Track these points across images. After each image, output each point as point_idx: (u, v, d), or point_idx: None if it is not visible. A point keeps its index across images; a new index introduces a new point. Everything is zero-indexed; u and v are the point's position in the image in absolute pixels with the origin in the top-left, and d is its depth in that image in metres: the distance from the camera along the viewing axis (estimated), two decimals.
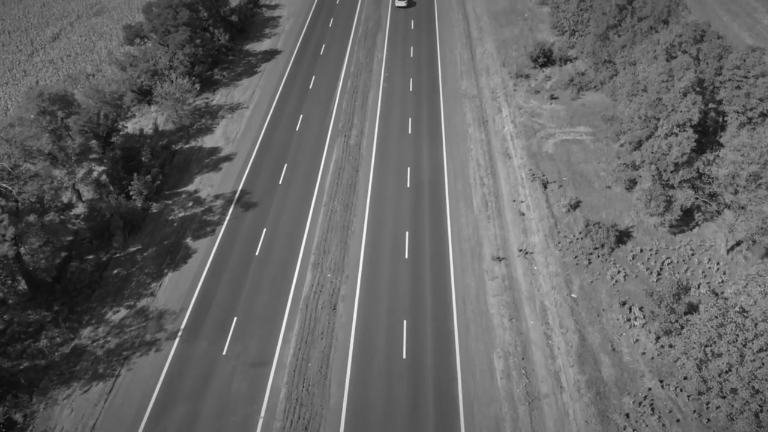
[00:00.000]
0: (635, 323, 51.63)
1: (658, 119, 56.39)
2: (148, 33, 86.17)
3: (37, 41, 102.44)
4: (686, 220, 61.31)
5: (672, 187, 58.82)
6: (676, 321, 47.93)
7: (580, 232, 60.94)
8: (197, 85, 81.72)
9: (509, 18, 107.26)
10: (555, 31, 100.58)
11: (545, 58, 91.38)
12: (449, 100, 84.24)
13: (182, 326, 51.93)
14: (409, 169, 70.81)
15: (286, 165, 71.63)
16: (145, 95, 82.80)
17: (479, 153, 73.66)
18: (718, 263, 57.45)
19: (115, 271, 58.26)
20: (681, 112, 54.57)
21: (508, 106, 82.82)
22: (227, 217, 64.04)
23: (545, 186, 68.03)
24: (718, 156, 56.53)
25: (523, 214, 64.27)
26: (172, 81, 79.53)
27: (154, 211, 65.76)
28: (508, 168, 71.27)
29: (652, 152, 56.23)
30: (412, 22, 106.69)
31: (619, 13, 78.54)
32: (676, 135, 55.48)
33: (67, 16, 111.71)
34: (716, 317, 43.56)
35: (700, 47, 61.19)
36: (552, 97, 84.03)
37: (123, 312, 53.93)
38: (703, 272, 56.58)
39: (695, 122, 54.92)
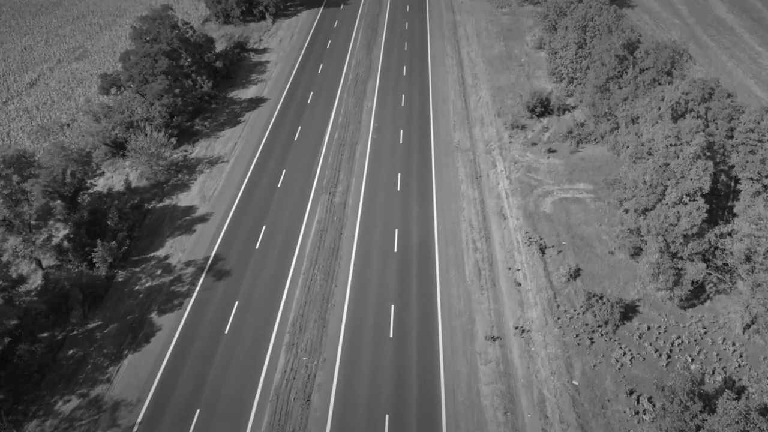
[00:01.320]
0: (644, 417, 46.17)
1: (666, 186, 51.46)
2: (125, 82, 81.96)
3: (14, 87, 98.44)
4: (697, 292, 56.13)
5: (681, 258, 53.72)
6: (692, 420, 42.40)
7: (581, 306, 55.80)
8: (173, 139, 77.29)
9: (505, 63, 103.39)
10: (553, 78, 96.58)
11: (542, 108, 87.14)
12: (441, 154, 79.65)
13: (138, 420, 46.40)
14: (396, 231, 65.85)
15: (264, 226, 66.69)
16: (119, 148, 78.18)
17: (472, 213, 68.76)
18: (733, 344, 52.16)
19: (71, 352, 52.90)
20: (691, 179, 49.73)
21: (503, 160, 78.22)
22: (197, 288, 58.85)
23: (543, 251, 63.01)
24: (732, 229, 51.47)
25: (520, 285, 59.10)
26: (146, 134, 74.98)
27: (120, 280, 60.57)
28: (503, 230, 66.30)
29: (659, 222, 51.22)
30: (405, 68, 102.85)
31: (619, 64, 74.40)
32: (686, 204, 50.55)
33: (48, 60, 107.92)
34: (737, 422, 38.23)
35: (709, 106, 56.68)
36: (550, 151, 79.53)
37: (75, 402, 48.45)
38: (717, 355, 51.27)
39: (706, 191, 50.02)
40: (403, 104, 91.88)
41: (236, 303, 56.79)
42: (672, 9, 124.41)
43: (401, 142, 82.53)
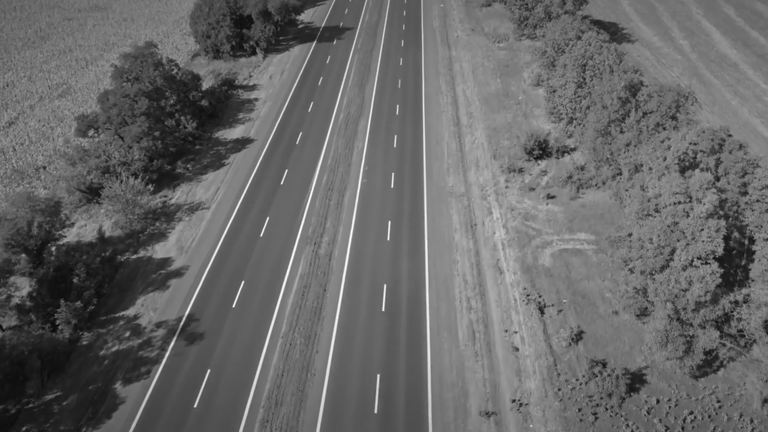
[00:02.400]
0: None
1: (675, 248, 47.12)
2: (102, 124, 78.07)
3: None
4: (709, 359, 51.51)
5: (692, 325, 49.20)
6: None
7: (584, 375, 51.15)
8: (150, 186, 73.11)
9: (502, 102, 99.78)
10: (551, 118, 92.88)
11: (540, 150, 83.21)
12: (434, 200, 75.49)
13: None
14: (385, 287, 61.42)
15: (243, 282, 62.23)
16: (94, 195, 74.01)
17: (466, 267, 64.35)
18: (751, 420, 47.38)
19: (24, 429, 47.98)
20: (703, 241, 45.39)
21: (499, 207, 74.05)
22: (167, 354, 54.20)
23: (542, 311, 58.54)
24: (748, 295, 47.03)
25: (517, 350, 54.47)
26: (122, 180, 70.92)
27: (84, 343, 56.00)
28: (499, 286, 61.83)
29: (669, 288, 46.79)
30: (398, 107, 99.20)
31: (621, 106, 70.58)
32: (697, 268, 46.16)
33: (29, 97, 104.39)
34: None
35: (720, 158, 52.61)
36: (548, 197, 75.42)
37: None
38: None
39: (720, 254, 45.67)
40: (395, 145, 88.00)
41: (208, 372, 52.14)
42: (673, 44, 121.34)
43: (392, 186, 78.45)
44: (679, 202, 47.36)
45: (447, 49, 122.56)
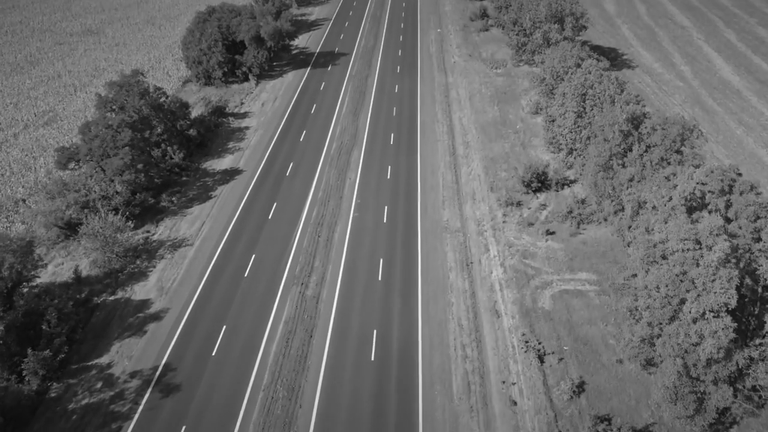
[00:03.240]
0: None
1: (684, 299, 43.68)
2: (83, 156, 74.94)
3: None
4: (721, 415, 47.81)
5: (703, 381, 45.60)
6: None
7: None
8: (131, 222, 69.86)
9: (499, 131, 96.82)
10: (550, 148, 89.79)
11: (539, 183, 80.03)
12: (428, 235, 72.16)
13: None
14: (375, 333, 57.91)
15: (224, 327, 58.75)
16: (73, 231, 70.70)
17: (461, 310, 60.87)
18: None
19: None
20: (715, 293, 41.95)
21: (496, 243, 70.70)
22: (140, 408, 50.59)
23: (542, 359, 55.01)
24: (764, 351, 43.52)
25: (515, 404, 50.83)
26: (102, 216, 67.69)
27: (53, 395, 52.41)
28: (496, 331, 58.30)
29: (678, 342, 43.28)
30: (392, 135, 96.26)
31: (623, 140, 67.50)
32: (709, 321, 42.67)
33: (14, 125, 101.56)
34: None
35: (730, 200, 49.33)
36: (548, 233, 72.12)
37: None
38: None
39: (733, 306, 42.21)
40: (389, 177, 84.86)
41: (183, 429, 48.40)
42: (675, 70, 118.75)
43: (385, 221, 75.18)
44: (688, 249, 43.94)
45: (444, 75, 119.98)
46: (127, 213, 71.71)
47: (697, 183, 50.71)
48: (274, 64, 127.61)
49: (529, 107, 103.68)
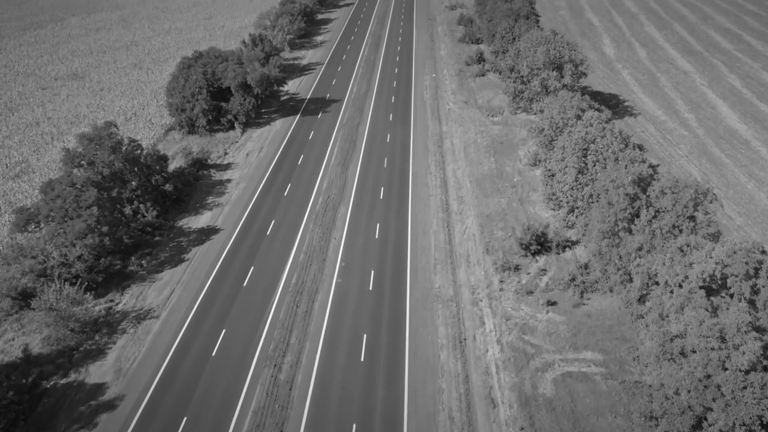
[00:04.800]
0: None
1: (710, 408, 37.15)
2: (44, 218, 69.00)
3: None
4: None
5: None
6: None
7: None
8: (89, 294, 63.68)
9: (495, 184, 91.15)
10: (550, 204, 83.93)
11: (538, 245, 73.96)
12: (418, 306, 65.83)
13: None
14: (354, 428, 51.01)
15: (185, 419, 52.06)
16: (29, 300, 64.37)
17: (453, 398, 54.22)
18: None
19: None
20: (746, 403, 35.42)
21: (492, 316, 64.37)
22: None
23: None
24: None
25: None
26: (57, 287, 61.45)
27: None
28: (492, 425, 51.65)
29: None
30: (382, 189, 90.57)
31: (630, 204, 61.65)
32: None
33: None
34: None
35: (757, 284, 43.08)
36: (549, 303, 65.86)
37: None
38: None
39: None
40: (377, 236, 78.84)
41: None
42: (678, 118, 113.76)
43: (371, 288, 68.94)
44: (712, 349, 37.59)
45: (438, 123, 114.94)
46: (86, 283, 65.41)
47: (717, 263, 44.59)
48: (262, 111, 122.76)
49: (526, 158, 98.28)
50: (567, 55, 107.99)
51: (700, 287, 45.16)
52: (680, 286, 47.37)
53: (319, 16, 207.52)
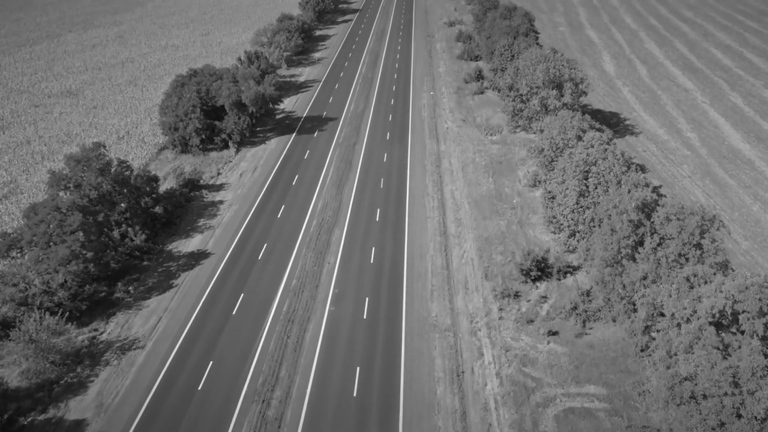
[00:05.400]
0: None
1: None
2: (26, 244, 66.62)
3: None
4: None
5: None
6: None
7: None
8: (71, 324, 61.19)
9: (494, 206, 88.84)
10: (550, 227, 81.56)
11: (539, 271, 71.53)
12: (414, 336, 63.31)
13: None
14: None
15: None
16: (8, 330, 61.83)
17: None
18: None
19: None
20: None
21: (491, 346, 61.86)
22: None
23: None
24: None
25: None
26: (37, 318, 58.94)
27: None
28: None
29: None
30: (378, 211, 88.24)
31: (634, 231, 59.31)
32: None
33: None
34: None
35: None
36: (550, 333, 63.33)
37: None
38: None
39: None
40: (372, 261, 76.41)
41: None
42: (680, 138, 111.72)
43: (365, 316, 66.45)
44: (725, 394, 35.05)
45: (435, 142, 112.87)
46: (68, 311, 62.94)
47: (727, 298, 42.16)
48: (257, 129, 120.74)
49: (526, 179, 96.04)
50: (567, 73, 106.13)
51: (710, 323, 42.71)
52: (688, 320, 44.91)
53: (317, 33, 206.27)
